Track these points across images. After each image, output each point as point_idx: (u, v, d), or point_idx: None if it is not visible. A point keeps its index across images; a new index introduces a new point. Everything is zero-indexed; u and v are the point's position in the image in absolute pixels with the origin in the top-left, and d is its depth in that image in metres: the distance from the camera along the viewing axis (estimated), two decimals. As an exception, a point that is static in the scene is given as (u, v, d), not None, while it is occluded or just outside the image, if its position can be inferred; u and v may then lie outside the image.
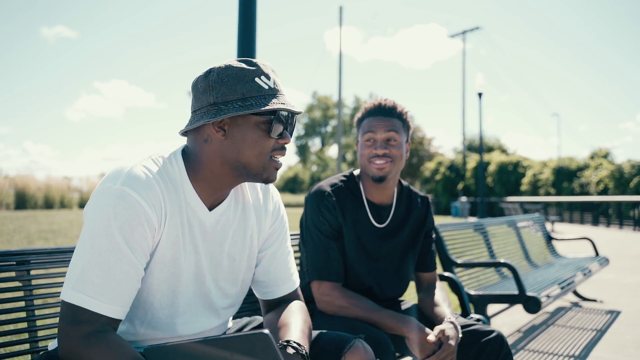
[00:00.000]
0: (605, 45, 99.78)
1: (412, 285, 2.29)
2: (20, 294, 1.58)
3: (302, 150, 62.29)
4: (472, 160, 34.28)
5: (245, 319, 1.62)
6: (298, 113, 1.29)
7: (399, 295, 2.08)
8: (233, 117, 1.21)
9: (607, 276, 6.77)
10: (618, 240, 13.07)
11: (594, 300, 5.22)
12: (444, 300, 1.94)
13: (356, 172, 2.04)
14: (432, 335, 1.68)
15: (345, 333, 1.40)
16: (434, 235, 2.15)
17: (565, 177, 27.94)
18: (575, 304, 5.13)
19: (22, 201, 18.79)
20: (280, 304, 1.44)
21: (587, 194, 25.45)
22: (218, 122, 1.22)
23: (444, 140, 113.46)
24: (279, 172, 1.43)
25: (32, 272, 1.59)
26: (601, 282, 6.35)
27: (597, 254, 5.61)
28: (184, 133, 1.30)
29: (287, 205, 25.23)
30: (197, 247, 1.29)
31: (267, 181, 1.28)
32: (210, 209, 1.31)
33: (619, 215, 19.56)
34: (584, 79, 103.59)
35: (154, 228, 1.18)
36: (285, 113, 1.25)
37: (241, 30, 4.94)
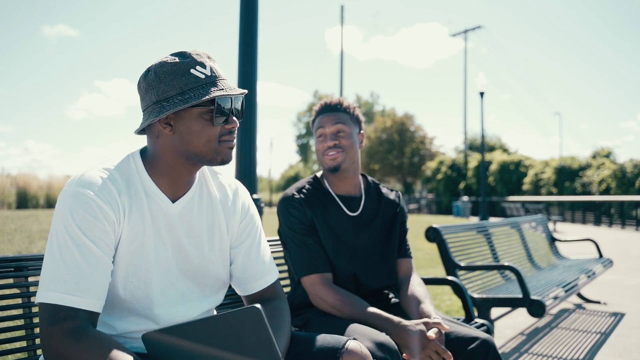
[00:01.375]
0: (607, 45, 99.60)
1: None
2: (18, 301, 1.56)
3: (303, 149, 62.25)
4: (474, 160, 34.23)
5: None
6: (240, 94, 1.32)
7: (390, 284, 2.11)
8: (176, 112, 1.26)
9: (610, 277, 6.74)
10: (621, 241, 13.02)
11: (598, 302, 5.19)
12: (426, 296, 1.96)
13: (319, 173, 2.15)
14: (431, 332, 1.68)
15: (340, 335, 1.42)
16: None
17: (567, 176, 27.89)
18: (579, 306, 5.10)
19: (24, 200, 18.79)
20: (262, 301, 1.47)
21: (589, 193, 25.40)
22: (164, 118, 1.27)
23: (445, 140, 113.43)
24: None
25: (30, 279, 1.57)
26: (604, 283, 6.31)
27: (600, 255, 5.58)
28: (140, 132, 1.35)
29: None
30: (162, 238, 1.33)
31: (223, 163, 1.33)
32: (174, 200, 1.35)
33: (621, 215, 19.51)
34: (585, 78, 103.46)
35: (113, 222, 1.23)
36: (225, 97, 1.28)
37: (242, 29, 4.91)
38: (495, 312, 4.60)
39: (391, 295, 2.15)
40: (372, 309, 1.81)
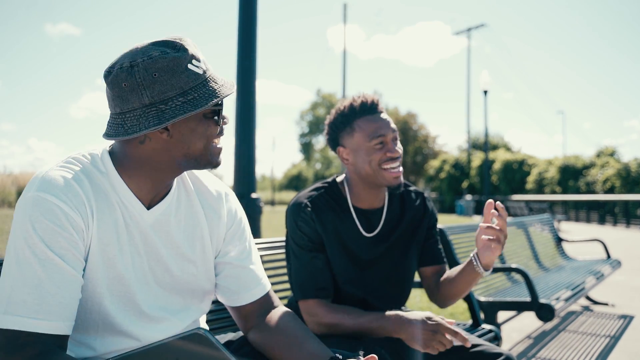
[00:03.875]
0: (610, 43, 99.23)
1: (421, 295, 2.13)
2: None
3: (306, 148, 62.08)
4: (477, 158, 34.10)
5: (231, 335, 1.50)
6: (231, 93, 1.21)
7: (399, 304, 1.91)
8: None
9: (617, 278, 6.61)
10: (626, 240, 12.89)
11: (606, 304, 5.07)
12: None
13: (339, 178, 1.86)
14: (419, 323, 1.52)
15: (342, 350, 1.30)
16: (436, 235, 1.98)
17: (571, 175, 27.74)
18: (586, 308, 4.98)
19: (25, 199, 18.69)
20: (256, 314, 1.34)
21: (593, 192, 25.25)
22: None
23: (448, 138, 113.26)
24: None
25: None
26: (611, 284, 6.19)
27: (608, 256, 5.46)
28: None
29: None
30: (137, 248, 1.19)
31: (216, 166, 1.22)
32: (149, 207, 1.21)
33: (626, 214, 19.38)
34: (587, 76, 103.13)
35: (81, 229, 1.08)
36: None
37: (241, 25, 4.82)
38: (501, 314, 4.49)
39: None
40: (367, 314, 1.64)
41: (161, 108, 1.08)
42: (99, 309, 1.15)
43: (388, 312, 1.62)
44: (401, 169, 1.76)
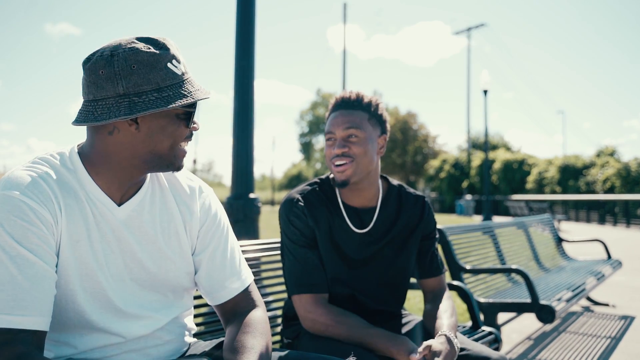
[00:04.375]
0: (610, 43, 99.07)
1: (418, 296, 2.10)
2: None
3: (306, 148, 61.99)
4: (477, 158, 34.06)
5: (223, 338, 1.45)
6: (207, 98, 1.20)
7: (394, 308, 1.86)
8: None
9: (617, 278, 6.58)
10: (626, 240, 12.86)
11: (606, 305, 5.04)
12: (445, 310, 1.72)
13: (332, 175, 1.84)
14: (416, 353, 1.46)
15: (333, 357, 1.29)
16: (438, 237, 1.95)
17: (571, 175, 27.71)
18: (587, 309, 4.95)
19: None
20: (236, 313, 1.31)
21: (593, 192, 25.21)
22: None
23: (448, 138, 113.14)
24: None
25: None
26: (612, 284, 6.16)
27: (609, 256, 5.43)
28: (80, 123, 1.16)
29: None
30: (109, 245, 1.18)
31: (179, 169, 1.22)
32: (120, 203, 1.20)
33: (626, 214, 19.35)
34: (587, 76, 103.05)
35: (50, 224, 1.07)
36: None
37: (239, 27, 4.79)
38: (500, 315, 4.46)
39: (398, 317, 1.89)
40: (370, 328, 1.58)
41: (134, 100, 1.08)
42: (73, 306, 1.14)
43: (383, 334, 1.55)
44: (348, 166, 1.70)
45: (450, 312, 1.72)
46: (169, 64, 1.12)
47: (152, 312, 1.24)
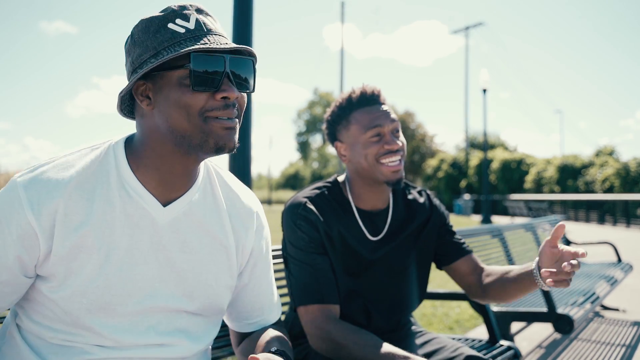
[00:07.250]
0: (606, 42, 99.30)
1: (427, 307, 1.91)
2: None
3: (303, 147, 61.78)
4: (475, 158, 33.96)
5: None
6: (238, 54, 1.00)
7: (405, 314, 1.71)
8: (153, 80, 0.97)
9: (625, 281, 6.41)
10: (627, 241, 12.70)
11: (617, 310, 4.88)
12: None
13: (340, 177, 1.70)
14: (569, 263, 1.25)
15: None
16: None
17: (570, 174, 27.59)
18: (597, 314, 4.78)
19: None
20: (254, 336, 1.22)
21: (592, 192, 25.11)
22: (141, 90, 0.99)
23: (446, 137, 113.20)
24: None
25: None
26: (619, 287, 5.98)
27: (619, 259, 5.26)
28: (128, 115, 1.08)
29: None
30: (142, 251, 1.02)
31: (219, 149, 0.98)
32: (165, 204, 1.04)
33: (626, 214, 19.25)
34: (584, 75, 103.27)
35: (32, 235, 0.94)
36: (211, 56, 0.95)
37: (237, 26, 4.62)
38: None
39: (415, 335, 1.74)
40: (388, 350, 1.37)
41: (137, 71, 0.98)
42: (73, 323, 1.00)
43: (402, 356, 1.36)
44: (402, 163, 1.58)
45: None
46: (170, 25, 0.97)
47: (181, 336, 1.09)
